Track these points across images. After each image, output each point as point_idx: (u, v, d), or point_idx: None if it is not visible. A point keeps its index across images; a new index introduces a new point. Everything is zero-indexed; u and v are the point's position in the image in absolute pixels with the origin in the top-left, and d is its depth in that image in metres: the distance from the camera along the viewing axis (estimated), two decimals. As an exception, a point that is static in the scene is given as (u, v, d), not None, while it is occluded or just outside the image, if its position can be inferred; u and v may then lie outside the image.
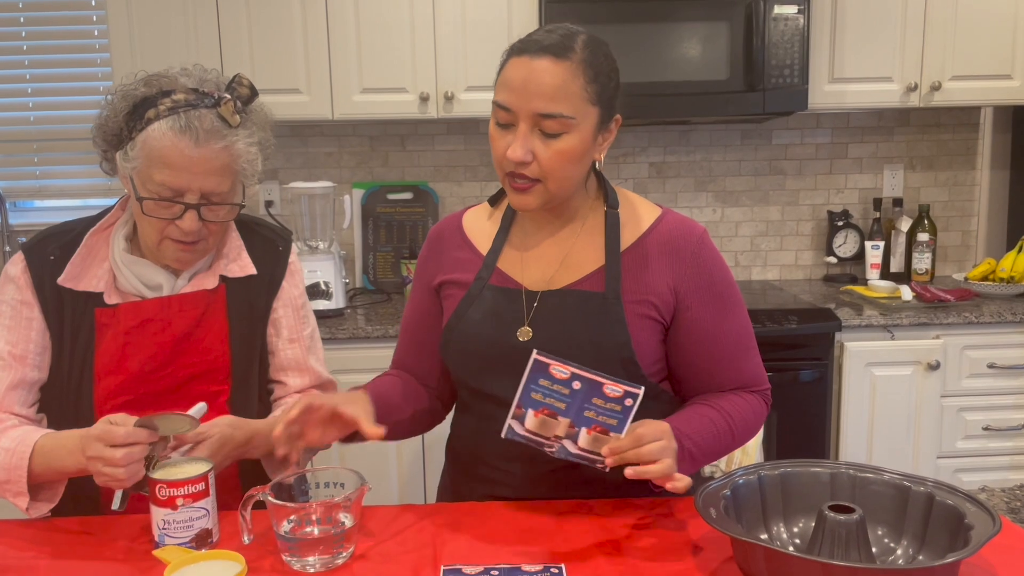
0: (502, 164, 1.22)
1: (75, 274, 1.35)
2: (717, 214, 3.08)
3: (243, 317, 1.41)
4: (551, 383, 1.09)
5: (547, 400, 1.09)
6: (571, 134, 1.19)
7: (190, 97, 1.28)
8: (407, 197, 3.00)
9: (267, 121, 1.40)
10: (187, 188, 1.28)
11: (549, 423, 1.10)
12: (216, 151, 1.28)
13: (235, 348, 1.40)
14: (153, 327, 1.35)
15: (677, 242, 1.28)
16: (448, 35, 2.61)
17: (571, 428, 1.09)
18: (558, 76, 1.16)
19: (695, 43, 2.55)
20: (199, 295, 1.38)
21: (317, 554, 1.05)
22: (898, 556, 1.05)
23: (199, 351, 1.37)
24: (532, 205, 1.23)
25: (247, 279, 1.43)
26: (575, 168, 1.22)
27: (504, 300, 1.29)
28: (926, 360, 2.45)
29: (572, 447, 1.10)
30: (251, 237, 1.47)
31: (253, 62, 2.60)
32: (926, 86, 2.68)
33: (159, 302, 1.36)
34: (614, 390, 1.08)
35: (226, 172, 1.30)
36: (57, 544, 1.17)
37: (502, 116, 1.20)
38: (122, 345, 1.34)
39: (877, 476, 1.10)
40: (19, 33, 2.97)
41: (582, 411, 1.08)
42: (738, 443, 1.26)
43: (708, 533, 1.13)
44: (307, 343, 1.49)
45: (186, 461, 1.16)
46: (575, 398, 1.08)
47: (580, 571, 1.05)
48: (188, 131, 1.25)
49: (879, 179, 3.08)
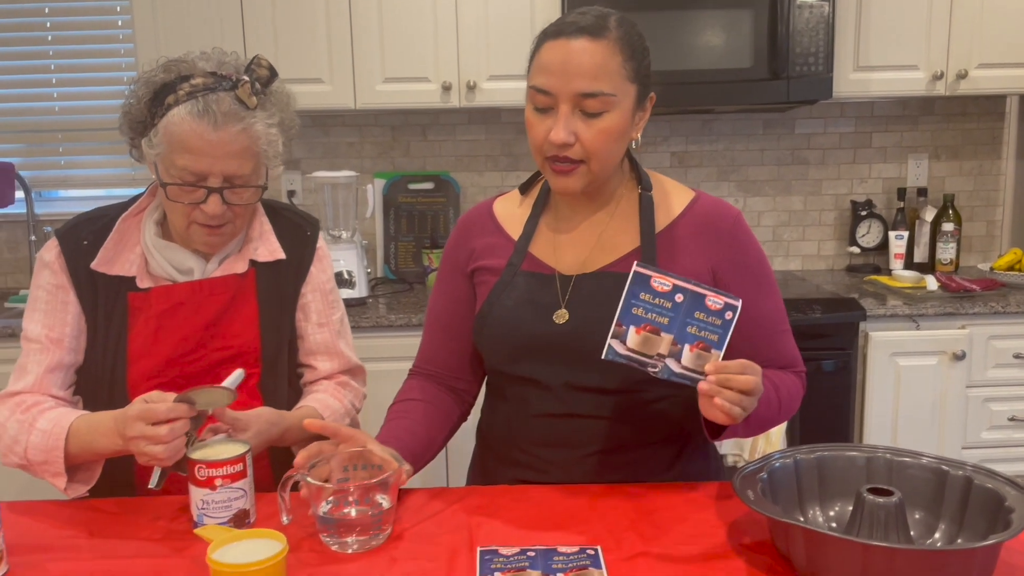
0: (542, 149, 1.22)
1: (108, 259, 1.37)
2: (739, 204, 3.07)
3: (272, 301, 1.43)
4: (652, 297, 1.05)
5: (649, 315, 1.06)
6: (612, 112, 1.19)
7: (208, 81, 1.29)
8: (428, 187, 3.01)
9: (288, 102, 1.40)
10: (209, 172, 1.28)
11: (652, 340, 1.06)
12: (234, 133, 1.28)
13: (265, 332, 1.41)
14: (184, 311, 1.36)
15: (714, 223, 1.29)
16: (471, 24, 2.61)
17: (674, 345, 1.06)
18: (597, 55, 1.17)
19: (718, 31, 2.54)
20: (229, 279, 1.39)
21: (355, 535, 1.06)
22: (936, 539, 1.05)
23: (230, 335, 1.38)
24: (575, 187, 1.24)
25: (276, 264, 1.44)
26: (616, 146, 1.23)
27: (538, 285, 1.29)
28: (951, 350, 2.43)
29: (675, 366, 1.06)
30: (279, 222, 1.48)
31: (276, 51, 2.61)
32: (952, 74, 2.66)
33: (190, 286, 1.37)
34: (715, 302, 1.05)
35: (247, 154, 1.30)
36: (96, 524, 1.18)
37: (541, 100, 1.20)
38: (154, 329, 1.35)
39: (914, 460, 1.10)
40: (44, 24, 2.99)
41: (685, 326, 1.05)
42: (783, 416, 1.26)
43: (744, 516, 1.13)
44: (336, 327, 1.50)
45: (224, 441, 1.17)
46: (678, 312, 1.05)
47: (616, 553, 1.05)
48: (207, 115, 1.26)
49: (903, 168, 3.06)
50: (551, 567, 1.01)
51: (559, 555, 1.04)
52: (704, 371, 1.06)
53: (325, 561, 1.05)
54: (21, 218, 3.02)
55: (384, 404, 2.58)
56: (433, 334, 1.43)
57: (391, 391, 2.41)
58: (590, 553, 1.05)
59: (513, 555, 1.05)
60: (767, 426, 1.25)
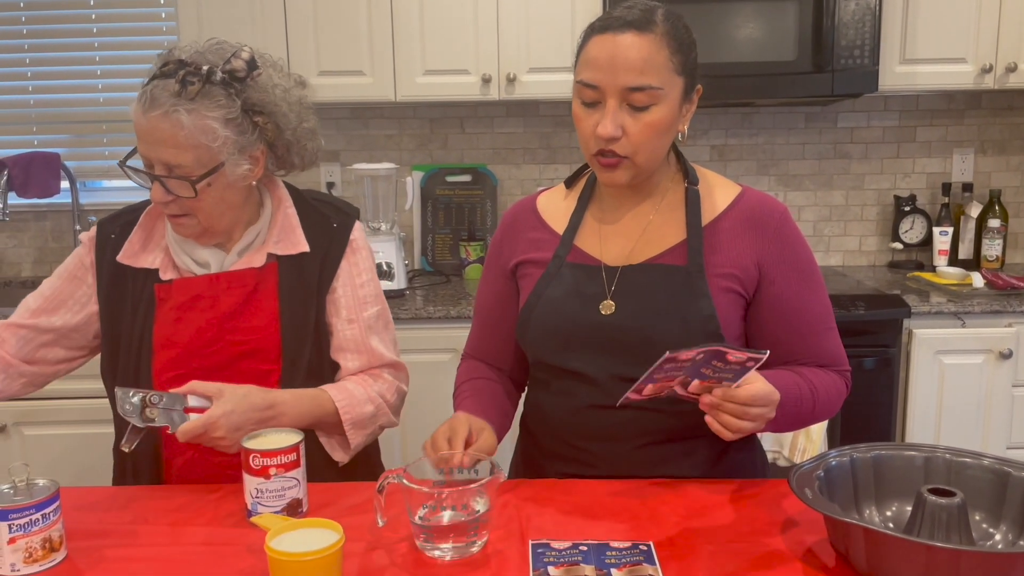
0: (589, 143, 1.23)
1: (133, 252, 1.40)
2: (779, 198, 3.02)
3: (295, 296, 1.39)
4: (676, 367, 1.06)
5: (667, 375, 1.08)
6: (659, 105, 1.19)
7: (169, 68, 1.29)
8: (466, 179, 3.00)
9: (273, 99, 1.34)
10: (150, 158, 1.30)
11: (666, 388, 1.11)
12: (157, 119, 1.26)
13: (285, 327, 1.38)
14: (202, 304, 1.37)
15: (761, 218, 1.28)
16: (511, 16, 2.60)
17: (686, 378, 1.09)
18: (644, 49, 1.17)
19: (762, 23, 2.51)
20: (247, 273, 1.38)
21: (451, 540, 1.03)
22: (997, 541, 1.03)
23: (247, 329, 1.37)
24: (622, 180, 1.24)
25: (300, 257, 1.40)
26: (663, 140, 1.23)
27: (584, 276, 1.29)
28: (998, 348, 2.39)
29: (680, 390, 1.11)
30: (309, 214, 1.44)
31: (318, 44, 2.62)
32: (1001, 67, 2.60)
33: (208, 279, 1.38)
34: (737, 356, 1.06)
35: (176, 144, 1.27)
36: (151, 511, 1.20)
37: (588, 95, 1.20)
38: (174, 320, 1.37)
39: (975, 460, 1.08)
40: (89, 16, 3.03)
41: (699, 369, 1.07)
42: (819, 415, 1.24)
43: (798, 514, 1.12)
44: (368, 323, 1.44)
45: (277, 432, 1.18)
46: (696, 365, 1.07)
47: (669, 549, 1.05)
48: (141, 99, 1.27)
49: (948, 163, 3.00)
50: (604, 562, 1.01)
51: (612, 550, 1.04)
52: (713, 394, 1.09)
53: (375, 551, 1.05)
54: (66, 208, 3.07)
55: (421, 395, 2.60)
56: (480, 327, 1.46)
57: (429, 382, 2.44)
58: (643, 549, 1.04)
59: (565, 549, 1.05)
60: (797, 424, 1.25)
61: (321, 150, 1.50)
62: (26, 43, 3.04)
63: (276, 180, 1.47)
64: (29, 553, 1.03)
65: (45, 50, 3.05)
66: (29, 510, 1.02)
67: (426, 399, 2.48)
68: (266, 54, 1.39)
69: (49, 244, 3.12)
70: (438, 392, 2.45)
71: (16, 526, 1.02)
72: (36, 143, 3.09)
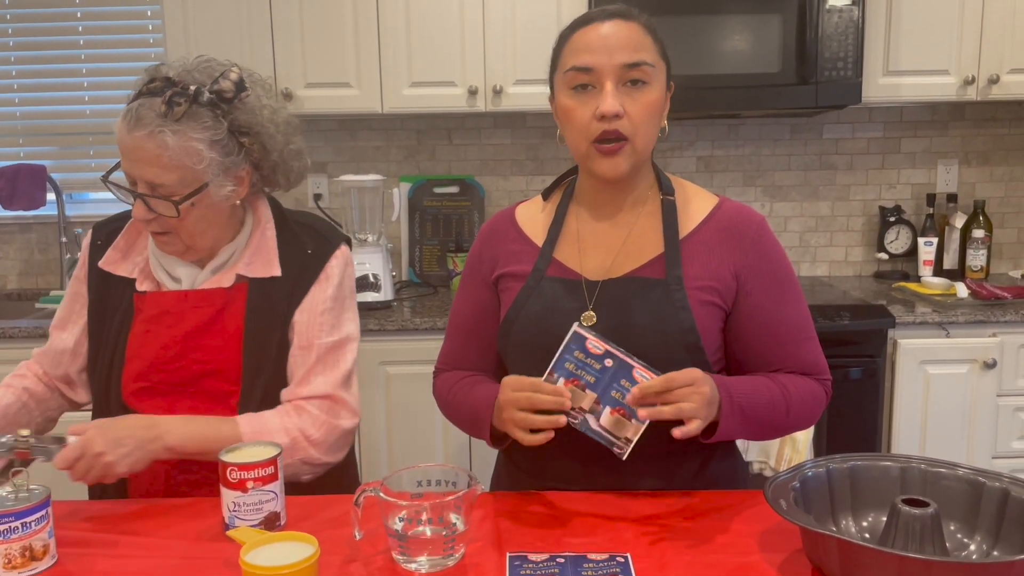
0: (587, 131, 1.23)
1: (115, 259, 1.42)
2: (765, 209, 3.05)
3: (260, 319, 1.37)
4: (585, 356, 1.13)
5: (578, 371, 1.13)
6: (652, 85, 1.23)
7: (155, 86, 1.28)
8: (453, 191, 3.01)
9: (259, 120, 1.33)
10: (133, 175, 1.30)
11: (577, 394, 1.13)
12: (141, 138, 1.26)
13: (247, 350, 1.36)
14: (168, 319, 1.37)
15: (738, 228, 1.29)
16: (497, 29, 2.62)
17: (596, 404, 1.13)
18: (634, 30, 1.23)
19: (746, 35, 2.53)
20: (215, 292, 1.37)
21: (426, 554, 1.03)
22: (971, 552, 1.03)
23: (209, 348, 1.36)
24: (622, 167, 1.24)
25: (271, 281, 1.38)
26: (656, 124, 1.26)
27: (564, 291, 1.29)
28: (982, 358, 2.40)
29: (594, 423, 1.13)
30: (287, 238, 1.42)
31: (305, 56, 2.63)
32: (984, 79, 2.62)
33: (177, 295, 1.37)
34: (643, 376, 1.11)
35: (159, 164, 1.26)
36: (134, 523, 1.20)
37: (582, 78, 1.22)
38: (144, 333, 1.37)
39: (950, 471, 1.08)
40: (76, 28, 3.03)
41: (609, 390, 1.12)
42: (794, 419, 1.24)
43: (775, 525, 1.12)
44: (318, 352, 1.37)
45: (255, 445, 1.18)
46: (604, 375, 1.12)
47: (646, 561, 1.05)
48: (126, 117, 1.28)
49: (932, 174, 3.03)
50: (581, 574, 1.01)
51: (589, 562, 1.04)
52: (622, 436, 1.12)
53: (355, 565, 1.05)
54: (52, 220, 3.06)
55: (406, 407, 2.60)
56: (457, 340, 1.43)
57: (415, 394, 2.44)
58: (620, 560, 1.04)
59: (543, 561, 1.05)
60: (772, 430, 1.25)
61: (307, 169, 1.49)
62: (12, 55, 3.04)
63: (262, 199, 1.45)
64: (8, 560, 1.03)
65: (31, 62, 3.05)
66: (8, 518, 1.02)
67: (411, 411, 2.48)
68: (254, 73, 1.38)
69: (35, 256, 3.11)
70: (423, 404, 2.46)
71: None
72: (22, 155, 3.09)
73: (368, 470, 2.50)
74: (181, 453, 1.26)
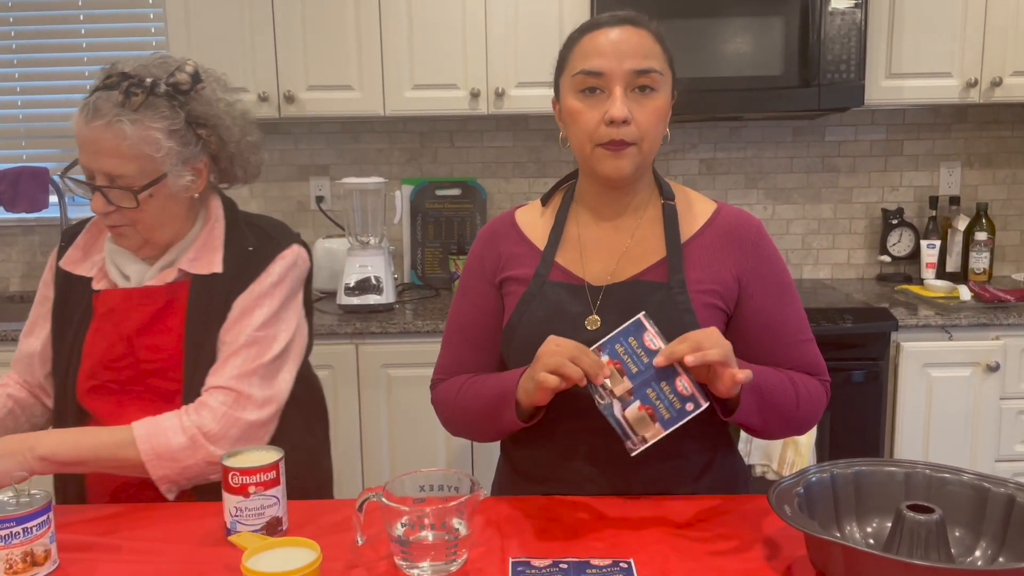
0: (594, 135, 1.23)
1: (75, 259, 1.43)
2: (768, 211, 3.05)
3: (200, 317, 1.36)
4: (638, 346, 1.12)
5: (624, 357, 1.12)
6: (660, 92, 1.24)
7: (112, 80, 1.30)
8: (455, 193, 3.01)
9: (216, 112, 1.36)
10: (92, 168, 1.30)
11: (615, 377, 1.12)
12: (99, 129, 1.27)
13: (189, 348, 1.35)
14: (115, 317, 1.37)
15: (737, 232, 1.30)
16: (499, 31, 2.61)
17: (628, 395, 1.12)
18: (644, 37, 1.23)
19: (749, 38, 2.52)
20: (158, 289, 1.37)
21: (429, 560, 1.02)
22: (977, 558, 1.03)
23: (152, 347, 1.36)
24: (627, 169, 1.25)
25: (212, 278, 1.37)
26: (662, 130, 1.27)
27: (567, 296, 1.29)
28: (985, 361, 2.39)
29: (618, 410, 1.12)
30: (234, 236, 1.41)
31: (307, 59, 2.63)
32: (986, 82, 2.62)
33: (124, 293, 1.38)
34: (684, 386, 1.10)
35: (119, 154, 1.28)
36: (135, 528, 1.19)
37: (591, 82, 1.23)
38: (95, 331, 1.38)
39: (955, 476, 1.08)
40: (78, 31, 3.03)
41: (646, 386, 1.11)
42: (803, 413, 1.24)
43: (779, 531, 1.12)
44: (239, 344, 1.34)
45: (257, 449, 1.17)
46: (648, 371, 1.11)
47: (650, 567, 1.04)
48: (84, 110, 1.29)
49: (935, 177, 3.02)
50: (584, 580, 1.01)
51: (592, 568, 1.04)
52: (640, 433, 1.11)
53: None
54: (55, 222, 3.06)
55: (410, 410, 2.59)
56: (457, 345, 1.40)
57: (416, 397, 2.44)
58: (623, 566, 1.04)
59: (545, 567, 1.04)
60: (783, 419, 1.23)
61: (263, 163, 1.49)
62: (15, 58, 3.05)
63: (216, 198, 1.45)
64: (9, 565, 1.03)
65: (34, 65, 3.06)
66: (10, 523, 1.02)
67: (413, 414, 2.48)
68: (210, 69, 1.41)
69: (37, 259, 3.11)
70: (425, 407, 2.45)
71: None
72: (25, 158, 3.09)
73: (369, 473, 2.50)
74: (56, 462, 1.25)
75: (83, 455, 1.25)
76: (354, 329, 2.43)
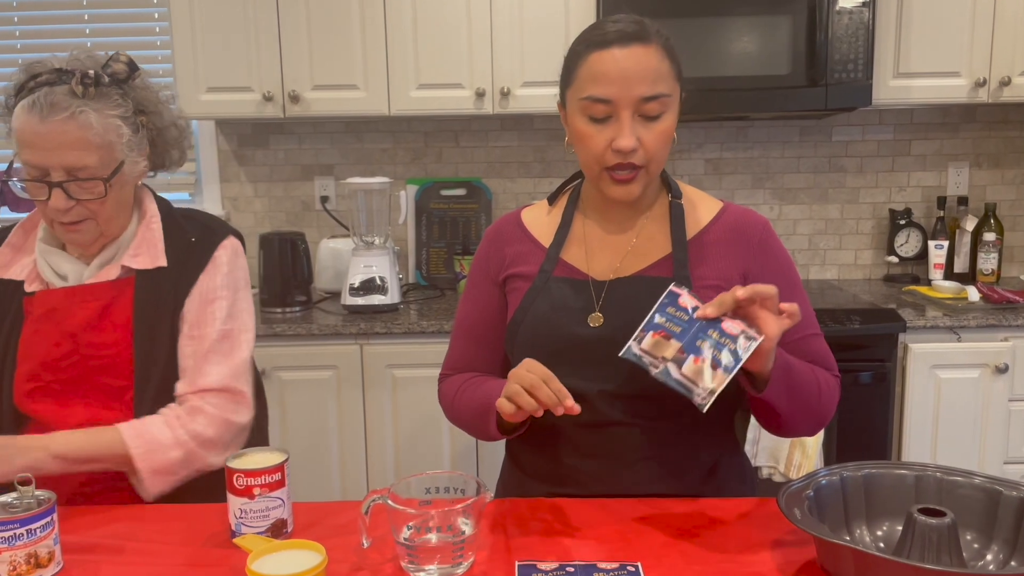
0: (602, 159, 1.23)
1: (4, 262, 1.41)
2: (774, 211, 3.03)
3: (149, 311, 1.37)
4: (676, 310, 1.11)
5: (667, 325, 1.10)
6: (668, 113, 1.22)
7: (51, 76, 1.30)
8: (460, 193, 3.00)
9: (155, 99, 1.39)
10: (47, 165, 1.29)
11: (661, 344, 1.10)
12: (61, 123, 1.27)
13: (138, 344, 1.36)
14: (57, 316, 1.36)
15: (743, 229, 1.30)
16: (505, 31, 2.60)
17: (680, 353, 1.08)
18: (653, 59, 1.20)
19: (755, 37, 2.51)
20: (102, 286, 1.37)
21: (436, 562, 1.02)
22: (988, 562, 1.02)
23: (99, 344, 1.36)
24: (636, 193, 1.25)
25: (157, 272, 1.38)
26: (669, 146, 1.26)
27: (571, 291, 1.29)
28: (994, 363, 2.38)
29: (675, 372, 1.08)
30: (172, 230, 1.43)
31: (312, 59, 2.62)
32: (995, 81, 2.60)
33: (65, 291, 1.37)
34: (732, 327, 1.07)
35: (83, 145, 1.28)
36: (141, 530, 1.19)
37: (599, 110, 1.21)
38: (32, 332, 1.36)
39: (966, 479, 1.07)
40: (83, 30, 3.03)
41: (695, 339, 1.08)
42: (823, 402, 1.23)
43: (788, 535, 1.11)
44: (209, 340, 1.37)
45: (262, 451, 1.17)
46: (692, 325, 1.09)
47: (657, 570, 1.03)
48: (35, 107, 1.27)
49: (943, 177, 3.00)
50: (591, 583, 1.00)
51: (599, 571, 1.03)
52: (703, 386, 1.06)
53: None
54: None
55: (415, 410, 2.59)
56: (463, 344, 1.42)
57: (421, 397, 2.43)
58: (630, 570, 1.03)
59: (552, 570, 1.03)
60: (807, 408, 1.21)
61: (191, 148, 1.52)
62: (19, 57, 3.04)
63: (147, 194, 1.47)
64: (13, 567, 1.02)
65: (40, 64, 3.05)
66: (13, 524, 1.01)
67: (417, 414, 2.47)
68: None
69: (43, 258, 3.11)
70: (430, 407, 2.45)
71: (1, 539, 1.01)
72: (30, 157, 3.09)
73: (374, 473, 2.49)
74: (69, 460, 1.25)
75: (94, 459, 1.27)
76: (359, 329, 2.42)
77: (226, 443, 1.36)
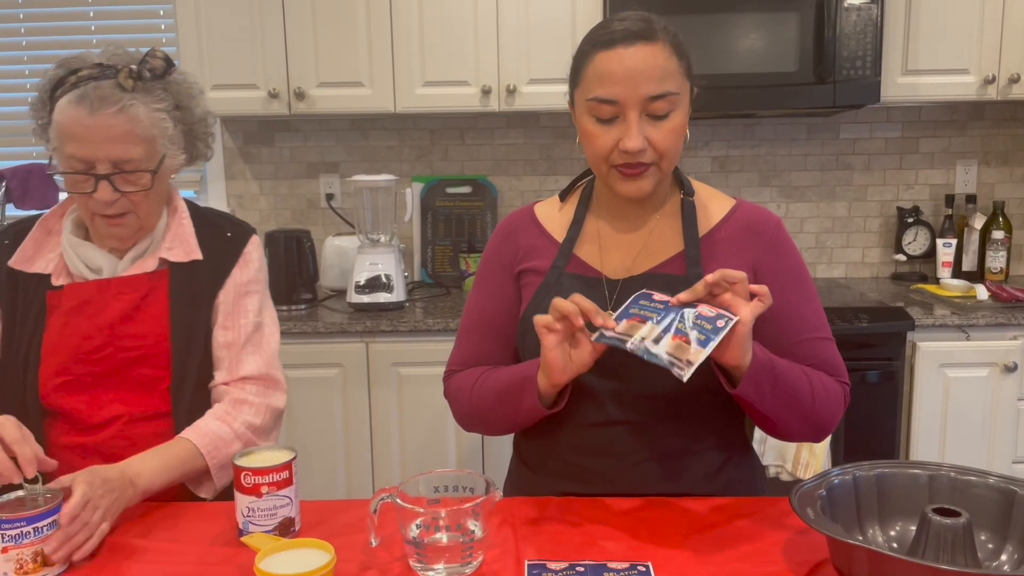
0: (609, 158, 1.22)
1: (27, 256, 1.40)
2: (782, 209, 3.02)
3: (185, 303, 1.40)
4: (649, 302, 1.11)
5: (641, 312, 1.11)
6: (677, 111, 1.20)
7: (93, 71, 1.31)
8: (466, 191, 2.99)
9: (190, 94, 1.41)
10: (94, 158, 1.29)
11: (636, 327, 1.09)
12: (111, 116, 1.28)
13: (175, 335, 1.38)
14: (90, 309, 1.36)
15: (756, 227, 1.30)
16: (511, 28, 2.60)
17: (659, 333, 1.08)
18: (659, 57, 1.18)
19: (763, 34, 2.50)
20: (139, 278, 1.38)
21: (443, 562, 1.01)
22: (1003, 562, 1.01)
23: (136, 335, 1.37)
24: (647, 189, 1.23)
25: (192, 265, 1.41)
26: (681, 144, 1.24)
27: (584, 288, 1.27)
28: (1003, 362, 2.36)
29: (652, 347, 1.06)
30: (204, 225, 1.46)
31: (317, 56, 2.61)
32: (1004, 78, 2.59)
33: (98, 284, 1.37)
34: (708, 309, 1.07)
35: (131, 138, 1.30)
36: (148, 528, 1.18)
37: (606, 111, 1.20)
38: (62, 326, 1.36)
39: (980, 479, 1.05)
40: (88, 27, 3.03)
41: (673, 322, 1.08)
42: (819, 407, 1.20)
43: (799, 534, 1.10)
44: (244, 331, 1.42)
45: (269, 449, 1.16)
46: (668, 312, 1.09)
47: (668, 570, 1.02)
48: (84, 101, 1.28)
49: (951, 175, 2.99)
50: (602, 583, 0.99)
51: (609, 571, 1.02)
52: (683, 359, 1.04)
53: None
54: None
55: (421, 408, 2.58)
56: (475, 338, 1.38)
57: (427, 395, 2.43)
58: (641, 569, 1.02)
59: (562, 570, 1.02)
60: (798, 412, 1.19)
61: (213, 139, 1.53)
62: (25, 55, 3.04)
63: (175, 190, 1.49)
64: (20, 565, 1.01)
65: (44, 62, 3.05)
66: (20, 522, 1.01)
67: (424, 412, 2.47)
68: None
69: None
70: (436, 405, 2.44)
71: (8, 536, 1.00)
72: (35, 155, 3.09)
73: (380, 471, 2.49)
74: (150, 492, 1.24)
75: (182, 475, 1.30)
76: (364, 327, 2.41)
77: (269, 429, 1.41)
